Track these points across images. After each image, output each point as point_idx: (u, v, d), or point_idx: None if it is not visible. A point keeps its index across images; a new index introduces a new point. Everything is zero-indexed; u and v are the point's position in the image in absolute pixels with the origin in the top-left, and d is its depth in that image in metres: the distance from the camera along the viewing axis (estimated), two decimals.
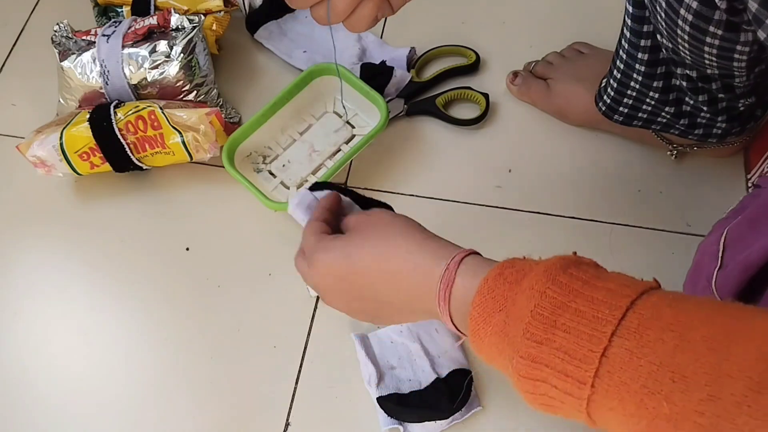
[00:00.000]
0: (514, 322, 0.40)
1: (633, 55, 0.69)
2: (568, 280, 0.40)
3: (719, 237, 0.60)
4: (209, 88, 0.88)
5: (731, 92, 0.69)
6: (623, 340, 0.36)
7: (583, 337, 0.37)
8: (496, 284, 0.42)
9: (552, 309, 0.39)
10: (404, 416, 0.70)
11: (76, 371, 0.78)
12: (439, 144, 0.88)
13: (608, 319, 0.37)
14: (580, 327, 0.37)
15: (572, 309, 0.38)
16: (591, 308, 0.38)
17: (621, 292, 0.38)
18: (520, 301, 0.40)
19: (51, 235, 0.86)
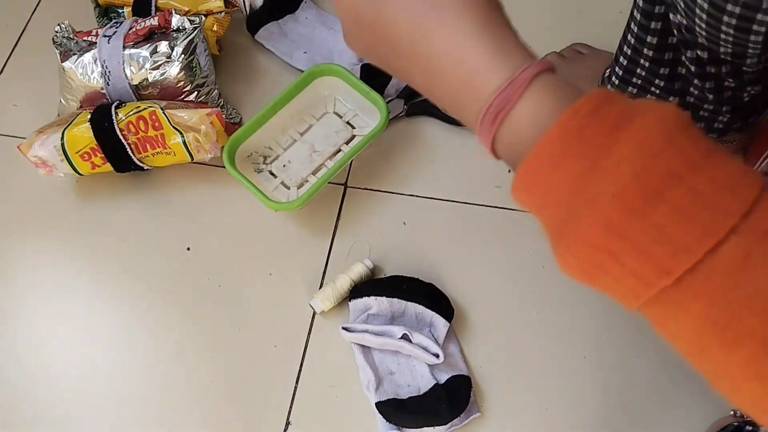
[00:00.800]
0: (603, 178, 0.31)
1: (642, 39, 0.69)
2: (688, 147, 0.31)
3: None
4: (210, 89, 0.88)
5: (739, 77, 0.68)
6: (744, 238, 0.29)
7: (695, 222, 0.30)
8: (588, 122, 0.32)
9: (663, 177, 0.30)
10: (403, 422, 0.70)
11: (77, 371, 0.78)
12: (439, 144, 0.88)
13: (731, 210, 0.30)
14: (693, 209, 0.30)
15: (688, 184, 0.30)
16: (712, 190, 0.30)
17: (745, 179, 0.31)
18: (622, 153, 0.31)
19: (52, 234, 0.86)
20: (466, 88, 0.35)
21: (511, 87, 0.34)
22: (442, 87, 0.37)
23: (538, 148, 0.33)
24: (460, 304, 0.77)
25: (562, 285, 0.78)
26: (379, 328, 0.73)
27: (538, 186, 0.33)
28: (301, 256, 0.82)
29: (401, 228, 0.83)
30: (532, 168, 0.33)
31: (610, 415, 0.71)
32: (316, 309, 0.77)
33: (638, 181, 0.30)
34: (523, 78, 0.34)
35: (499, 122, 0.35)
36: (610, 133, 0.32)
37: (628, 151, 0.31)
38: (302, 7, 0.99)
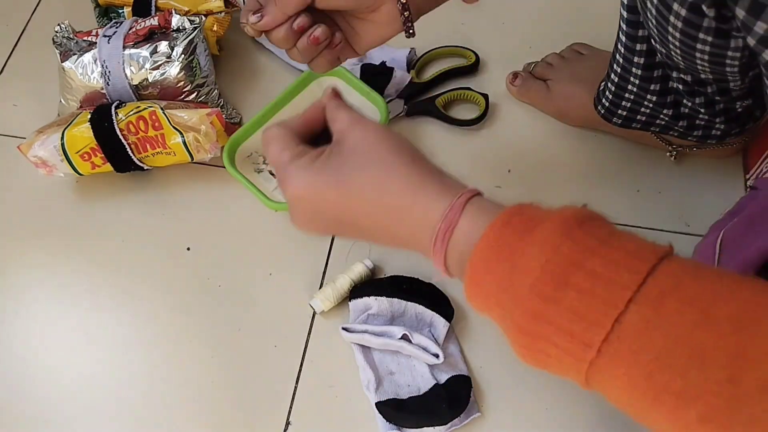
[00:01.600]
0: (520, 275, 0.37)
1: (629, 59, 0.69)
2: (584, 237, 0.37)
3: (715, 240, 0.60)
4: (210, 89, 0.88)
5: (727, 95, 0.69)
6: (640, 307, 0.34)
7: (598, 299, 0.35)
8: (503, 232, 0.39)
9: (565, 266, 0.36)
10: (403, 422, 0.70)
11: (76, 370, 0.78)
12: (439, 144, 0.88)
13: (627, 283, 0.35)
14: (595, 289, 0.35)
15: (587, 269, 0.36)
16: (609, 270, 0.35)
17: (641, 255, 0.36)
18: (530, 254, 0.37)
19: (52, 234, 0.86)
20: (422, 223, 0.44)
21: (452, 211, 0.43)
22: (399, 225, 0.45)
23: (471, 261, 0.40)
24: (460, 304, 0.77)
25: None
26: (379, 329, 0.73)
27: (479, 291, 0.40)
28: (301, 256, 0.82)
29: None
30: (471, 277, 0.41)
31: (609, 414, 0.71)
32: (316, 309, 0.77)
33: (546, 273, 0.36)
34: (459, 203, 0.43)
35: (447, 241, 0.43)
36: (521, 238, 0.39)
37: (536, 249, 0.37)
38: None
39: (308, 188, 0.46)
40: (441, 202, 0.43)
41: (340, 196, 0.45)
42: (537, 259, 0.37)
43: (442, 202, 0.43)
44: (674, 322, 0.33)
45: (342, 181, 0.45)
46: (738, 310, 0.33)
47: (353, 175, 0.45)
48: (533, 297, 0.37)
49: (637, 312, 0.34)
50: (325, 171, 0.46)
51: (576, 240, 0.37)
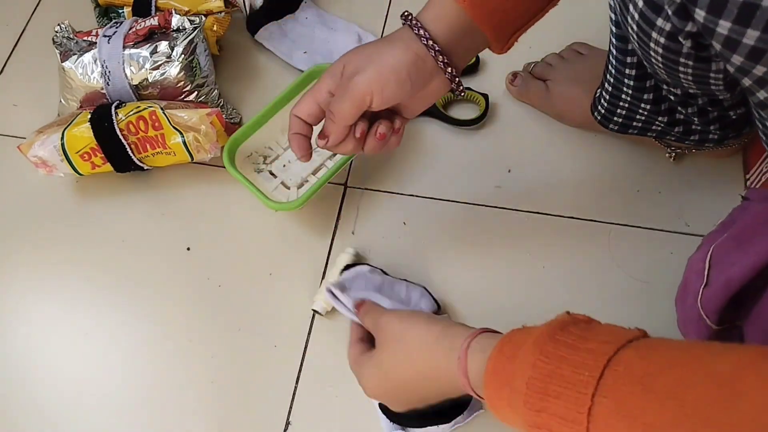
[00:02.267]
0: (516, 395, 0.45)
1: (621, 71, 0.70)
2: (555, 348, 0.44)
3: (705, 254, 0.60)
4: (210, 89, 0.88)
5: (719, 105, 0.69)
6: (602, 398, 0.40)
7: (571, 400, 0.41)
8: (498, 362, 0.48)
9: (543, 378, 0.43)
10: (406, 421, 0.70)
11: (76, 370, 0.78)
12: (439, 144, 0.88)
13: (588, 381, 0.41)
14: (567, 392, 0.41)
15: (559, 376, 0.42)
16: (574, 373, 0.42)
17: (601, 350, 0.42)
18: (518, 375, 0.45)
19: (52, 235, 0.86)
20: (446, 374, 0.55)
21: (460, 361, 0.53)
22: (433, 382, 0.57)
23: (484, 391, 0.49)
24: (460, 304, 0.77)
25: (563, 285, 0.78)
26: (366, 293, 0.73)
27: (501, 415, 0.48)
28: (301, 256, 0.82)
29: (401, 228, 0.83)
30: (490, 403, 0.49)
31: None
32: (320, 311, 0.77)
33: (530, 389, 0.44)
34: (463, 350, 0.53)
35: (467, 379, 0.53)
36: (510, 363, 0.47)
37: (520, 370, 0.45)
38: (302, 7, 0.99)
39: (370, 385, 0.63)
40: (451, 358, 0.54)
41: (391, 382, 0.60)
42: (522, 378, 0.44)
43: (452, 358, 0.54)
44: (628, 403, 0.39)
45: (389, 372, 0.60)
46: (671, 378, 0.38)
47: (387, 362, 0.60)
48: (528, 411, 0.44)
49: (600, 403, 0.40)
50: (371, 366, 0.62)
51: (548, 353, 0.44)
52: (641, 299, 0.76)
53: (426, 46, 0.57)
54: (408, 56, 0.57)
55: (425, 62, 0.58)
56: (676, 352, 0.40)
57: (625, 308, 0.76)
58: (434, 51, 0.58)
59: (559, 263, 0.79)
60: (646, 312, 0.75)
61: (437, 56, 0.58)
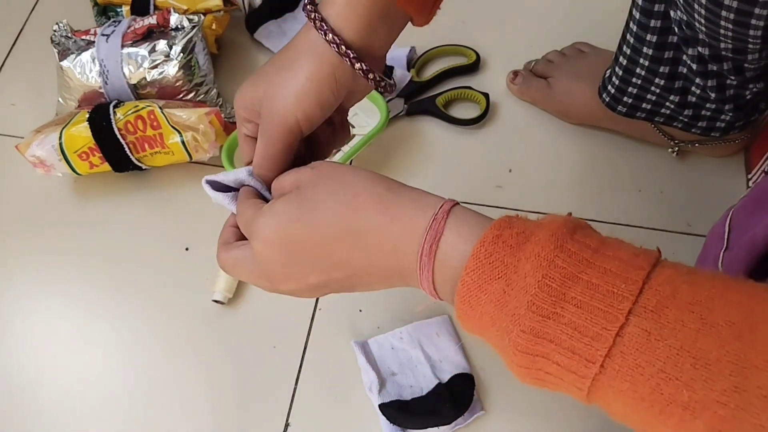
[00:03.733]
0: (516, 292, 0.36)
1: (641, 38, 0.69)
2: (577, 248, 0.36)
3: (725, 220, 0.60)
4: (209, 88, 0.88)
5: (741, 75, 0.68)
6: (641, 319, 0.34)
7: (597, 313, 0.34)
8: (494, 248, 0.38)
9: (562, 280, 0.35)
10: (407, 423, 0.70)
11: (75, 371, 0.78)
12: (439, 144, 0.88)
13: (624, 294, 0.34)
14: (593, 302, 0.34)
15: (584, 281, 0.35)
16: (605, 281, 0.35)
17: (634, 263, 0.35)
18: (525, 269, 0.36)
19: (50, 234, 0.86)
20: (403, 241, 0.41)
21: (435, 222, 0.40)
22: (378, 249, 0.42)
23: (463, 280, 0.38)
24: None
25: None
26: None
27: (473, 312, 0.39)
28: None
29: None
30: (464, 298, 0.38)
31: None
32: (221, 299, 0.77)
33: (542, 289, 0.35)
34: (442, 211, 0.41)
35: (433, 256, 0.40)
36: (513, 253, 0.37)
37: (530, 265, 0.36)
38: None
39: (274, 232, 0.43)
40: (423, 214, 0.41)
41: (310, 228, 0.42)
42: (533, 275, 0.36)
43: (423, 216, 0.41)
44: (676, 332, 0.33)
45: (309, 211, 0.42)
46: (736, 314, 0.33)
47: (320, 203, 0.42)
48: (532, 314, 0.36)
49: (637, 324, 0.34)
50: (288, 208, 0.43)
51: (569, 252, 0.36)
52: None
53: (340, 54, 0.47)
54: (325, 71, 0.48)
55: (344, 71, 0.49)
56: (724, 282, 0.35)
57: None
58: (350, 59, 0.48)
59: None
60: None
61: (354, 63, 0.48)
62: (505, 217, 0.40)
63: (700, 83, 0.71)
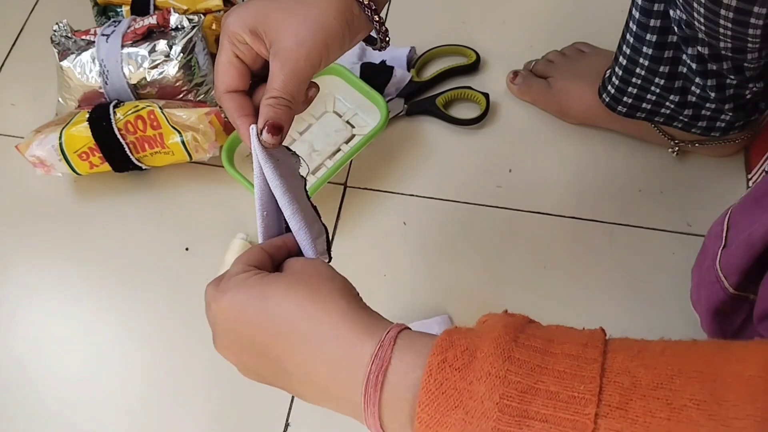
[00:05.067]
0: (477, 420, 0.34)
1: (641, 37, 0.69)
2: (526, 355, 0.34)
3: (724, 218, 0.60)
4: (209, 88, 0.88)
5: (741, 74, 0.68)
6: (609, 420, 0.32)
7: (565, 424, 0.33)
8: (442, 375, 0.35)
9: (520, 396, 0.33)
10: None
11: (75, 371, 0.78)
12: (439, 144, 0.88)
13: (586, 397, 0.33)
14: (557, 413, 0.33)
15: (543, 391, 0.33)
16: (563, 386, 0.33)
17: (585, 356, 0.34)
18: (479, 393, 0.34)
19: (50, 234, 0.86)
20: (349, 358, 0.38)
21: (382, 349, 0.37)
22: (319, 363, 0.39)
23: (419, 419, 0.35)
24: (459, 304, 0.76)
25: (564, 285, 0.78)
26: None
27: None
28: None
29: (401, 228, 0.83)
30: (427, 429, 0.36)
31: None
32: None
33: (503, 412, 0.33)
34: (389, 337, 0.38)
35: (380, 386, 0.37)
36: (462, 377, 0.35)
37: (484, 386, 0.34)
38: None
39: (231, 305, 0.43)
40: (371, 338, 0.38)
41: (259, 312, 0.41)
42: (489, 397, 0.34)
43: (373, 338, 0.38)
44: (647, 426, 0.32)
45: (266, 296, 0.41)
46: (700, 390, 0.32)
47: (280, 290, 0.41)
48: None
49: (607, 427, 0.32)
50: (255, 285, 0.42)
51: (519, 362, 0.34)
52: (643, 300, 0.76)
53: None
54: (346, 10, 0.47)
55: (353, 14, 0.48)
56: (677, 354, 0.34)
57: (627, 309, 0.75)
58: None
59: (560, 263, 0.79)
60: (649, 312, 0.75)
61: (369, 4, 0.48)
62: (445, 334, 0.37)
63: (699, 83, 0.71)
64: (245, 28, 0.46)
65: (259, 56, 0.47)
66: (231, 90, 0.48)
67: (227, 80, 0.47)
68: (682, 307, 0.72)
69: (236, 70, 0.47)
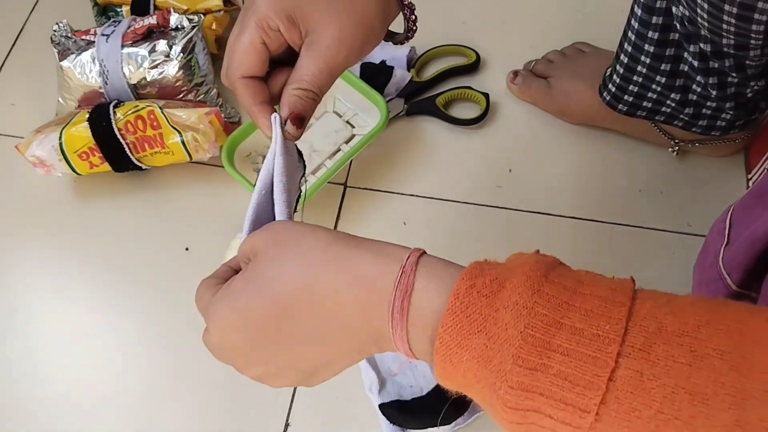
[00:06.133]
0: (499, 346, 0.34)
1: (643, 35, 0.69)
2: (555, 291, 0.34)
3: (726, 215, 0.60)
4: (209, 88, 0.88)
5: (742, 72, 0.68)
6: (631, 360, 0.32)
7: (586, 359, 0.33)
8: (469, 299, 0.35)
9: (545, 328, 0.33)
10: (407, 423, 0.70)
11: (74, 371, 0.78)
12: (439, 144, 0.88)
13: (610, 336, 0.33)
14: (580, 348, 0.33)
15: (568, 326, 0.33)
16: (589, 324, 0.33)
17: (614, 299, 0.34)
18: (505, 320, 0.34)
19: (50, 235, 0.86)
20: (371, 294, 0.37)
21: (404, 276, 0.37)
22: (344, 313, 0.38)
23: (440, 338, 0.35)
24: None
25: None
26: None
27: (455, 370, 0.36)
28: None
29: (401, 228, 0.83)
30: (444, 356, 0.36)
31: None
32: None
33: (527, 341, 0.33)
34: (410, 263, 0.37)
35: (406, 311, 0.37)
36: (489, 303, 0.35)
37: (510, 314, 0.34)
38: None
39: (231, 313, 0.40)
40: (389, 267, 0.37)
41: (267, 302, 0.39)
42: (514, 325, 0.34)
43: (392, 267, 0.37)
44: (668, 369, 0.32)
45: (265, 284, 0.39)
46: (726, 342, 0.32)
47: (274, 271, 0.39)
48: (519, 368, 0.34)
49: (628, 366, 0.32)
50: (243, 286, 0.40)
51: (548, 296, 0.34)
52: None
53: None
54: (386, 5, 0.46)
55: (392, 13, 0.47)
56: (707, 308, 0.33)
57: None
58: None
59: None
60: None
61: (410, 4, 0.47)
62: (475, 263, 0.37)
63: (701, 81, 0.71)
64: (281, 13, 0.44)
65: (285, 43, 0.45)
66: (247, 75, 0.45)
67: (246, 65, 0.45)
68: None
69: (258, 55, 0.45)
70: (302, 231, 0.40)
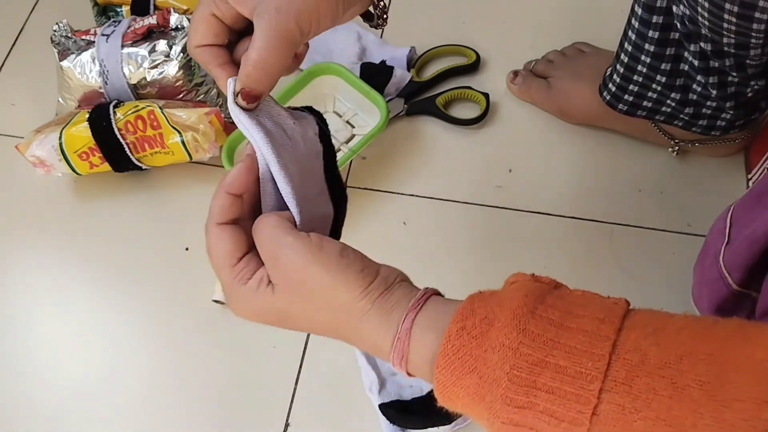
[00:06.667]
0: (489, 386, 0.36)
1: (643, 34, 0.69)
2: (541, 329, 0.36)
3: (726, 215, 0.60)
4: (209, 88, 0.87)
5: (743, 71, 0.68)
6: (613, 394, 0.33)
7: (570, 397, 0.34)
8: (460, 342, 0.37)
9: (530, 368, 0.35)
10: (407, 423, 0.70)
11: (74, 371, 0.78)
12: (439, 144, 0.88)
13: (592, 373, 0.34)
14: (564, 386, 0.34)
15: (552, 365, 0.35)
16: (572, 362, 0.34)
17: (598, 333, 0.35)
18: (492, 361, 0.36)
19: (50, 235, 0.86)
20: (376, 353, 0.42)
21: (399, 342, 0.40)
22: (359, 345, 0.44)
23: (437, 379, 0.38)
24: None
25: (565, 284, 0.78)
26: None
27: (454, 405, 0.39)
28: None
29: (401, 228, 0.83)
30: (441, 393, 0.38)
31: None
32: (223, 300, 0.77)
33: (512, 381, 0.35)
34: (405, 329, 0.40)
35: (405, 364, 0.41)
36: (479, 344, 0.37)
37: (497, 356, 0.36)
38: None
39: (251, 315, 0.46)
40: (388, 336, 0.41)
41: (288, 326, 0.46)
42: (501, 367, 0.36)
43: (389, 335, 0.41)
44: (649, 402, 0.33)
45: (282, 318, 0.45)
46: (706, 372, 0.32)
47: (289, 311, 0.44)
48: (507, 407, 0.36)
49: (610, 401, 0.33)
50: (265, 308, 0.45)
51: (533, 335, 0.36)
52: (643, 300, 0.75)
53: None
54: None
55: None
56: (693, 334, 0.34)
57: None
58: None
59: (560, 264, 0.79)
60: None
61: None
62: (468, 300, 0.39)
63: (701, 80, 0.71)
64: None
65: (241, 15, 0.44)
66: (203, 45, 0.46)
67: (198, 36, 0.45)
68: (683, 307, 0.72)
69: (208, 27, 0.45)
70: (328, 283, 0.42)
